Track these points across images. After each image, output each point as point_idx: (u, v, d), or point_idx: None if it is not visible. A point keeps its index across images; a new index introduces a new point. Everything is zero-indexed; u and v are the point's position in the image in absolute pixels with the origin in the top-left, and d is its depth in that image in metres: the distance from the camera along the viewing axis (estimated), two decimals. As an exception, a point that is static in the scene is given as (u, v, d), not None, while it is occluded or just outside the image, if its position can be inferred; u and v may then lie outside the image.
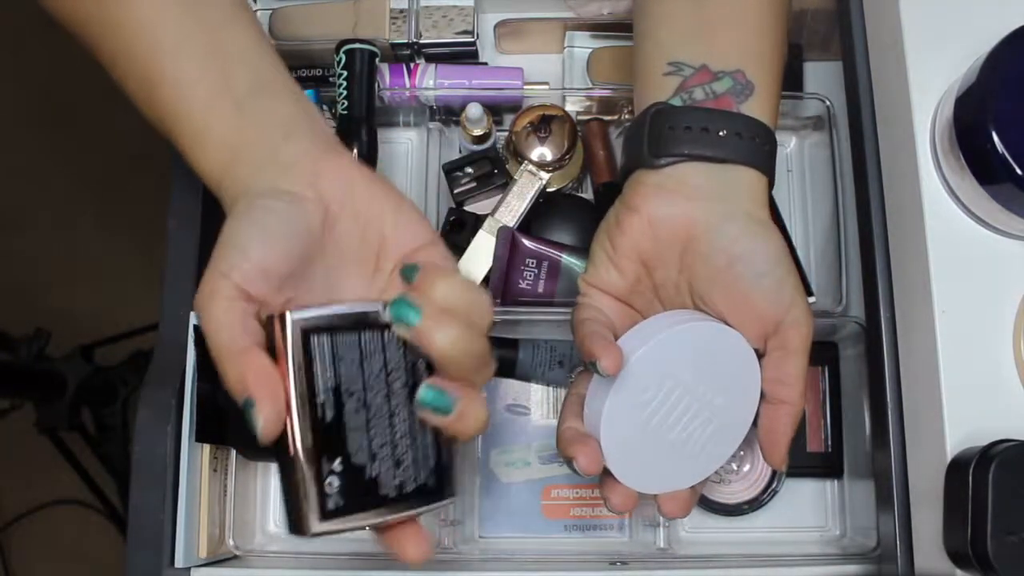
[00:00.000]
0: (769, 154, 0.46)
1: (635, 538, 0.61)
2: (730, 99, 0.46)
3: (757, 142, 0.45)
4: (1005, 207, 0.45)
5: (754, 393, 0.46)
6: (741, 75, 0.46)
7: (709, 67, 0.46)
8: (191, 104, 0.41)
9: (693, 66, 0.47)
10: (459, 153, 0.67)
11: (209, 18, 0.42)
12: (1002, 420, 0.45)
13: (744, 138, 0.45)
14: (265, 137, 0.41)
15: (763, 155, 0.46)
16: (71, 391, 1.17)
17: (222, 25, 0.43)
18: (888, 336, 0.51)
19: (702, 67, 0.47)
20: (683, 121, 0.45)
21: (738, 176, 0.45)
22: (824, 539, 0.62)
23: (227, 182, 0.41)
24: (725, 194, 0.45)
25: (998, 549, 0.41)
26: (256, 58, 0.43)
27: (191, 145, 0.42)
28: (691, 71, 0.47)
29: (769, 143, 0.46)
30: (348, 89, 0.59)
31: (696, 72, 0.47)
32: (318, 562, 0.58)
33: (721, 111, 0.45)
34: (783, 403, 0.45)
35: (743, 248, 0.44)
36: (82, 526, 1.33)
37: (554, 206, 0.64)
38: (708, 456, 0.46)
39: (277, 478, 0.63)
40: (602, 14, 0.67)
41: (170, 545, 0.53)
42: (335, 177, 0.41)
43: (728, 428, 0.46)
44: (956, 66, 0.48)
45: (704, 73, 0.47)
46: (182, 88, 0.41)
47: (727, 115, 0.45)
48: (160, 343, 0.55)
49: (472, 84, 0.65)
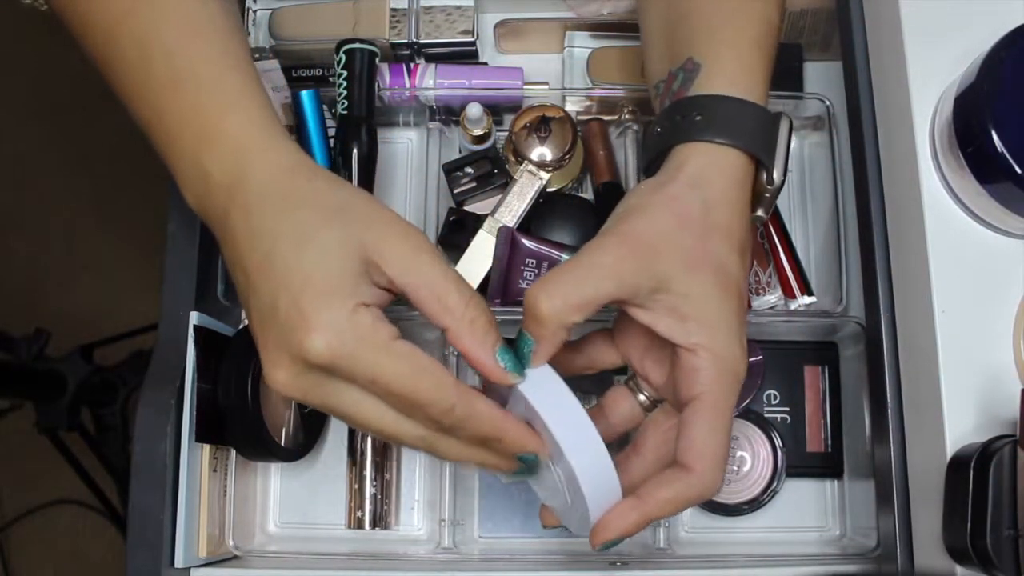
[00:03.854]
0: (712, 123, 0.43)
1: (635, 538, 0.61)
2: (682, 91, 0.45)
3: (696, 118, 0.43)
4: (1004, 206, 0.45)
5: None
6: (689, 62, 0.45)
7: (671, 71, 0.47)
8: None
9: (663, 79, 0.47)
10: (459, 153, 0.67)
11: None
12: (1002, 418, 0.45)
13: (675, 121, 0.43)
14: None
15: (698, 128, 0.43)
16: (71, 391, 1.17)
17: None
18: (888, 336, 0.51)
19: (668, 75, 0.47)
20: (646, 139, 0.46)
21: (679, 161, 0.43)
22: (824, 539, 0.62)
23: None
24: (657, 185, 0.43)
25: (998, 544, 0.41)
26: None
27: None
28: (663, 85, 0.47)
29: (718, 112, 0.43)
30: (348, 89, 0.59)
31: (665, 83, 0.47)
32: (318, 562, 0.58)
33: (672, 105, 0.45)
34: (681, 467, 0.41)
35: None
36: (82, 526, 1.33)
37: (554, 206, 0.64)
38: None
39: (277, 478, 0.63)
40: (602, 14, 0.67)
41: (170, 545, 0.53)
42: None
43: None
44: (955, 65, 0.48)
45: (669, 80, 0.47)
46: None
47: (673, 107, 0.45)
48: (160, 343, 0.55)
49: (472, 84, 0.65)
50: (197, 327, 0.54)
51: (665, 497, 0.41)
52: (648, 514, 0.41)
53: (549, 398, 0.41)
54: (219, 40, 0.43)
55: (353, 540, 0.62)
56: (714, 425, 0.41)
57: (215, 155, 0.41)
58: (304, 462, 0.62)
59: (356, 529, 0.61)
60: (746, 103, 0.44)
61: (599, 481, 0.41)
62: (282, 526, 0.63)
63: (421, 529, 0.62)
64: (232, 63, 0.43)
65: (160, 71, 0.42)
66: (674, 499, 0.41)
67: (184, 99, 0.42)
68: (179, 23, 0.43)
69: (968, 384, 0.46)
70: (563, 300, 0.40)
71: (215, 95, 0.42)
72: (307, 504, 0.63)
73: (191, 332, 0.54)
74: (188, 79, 0.42)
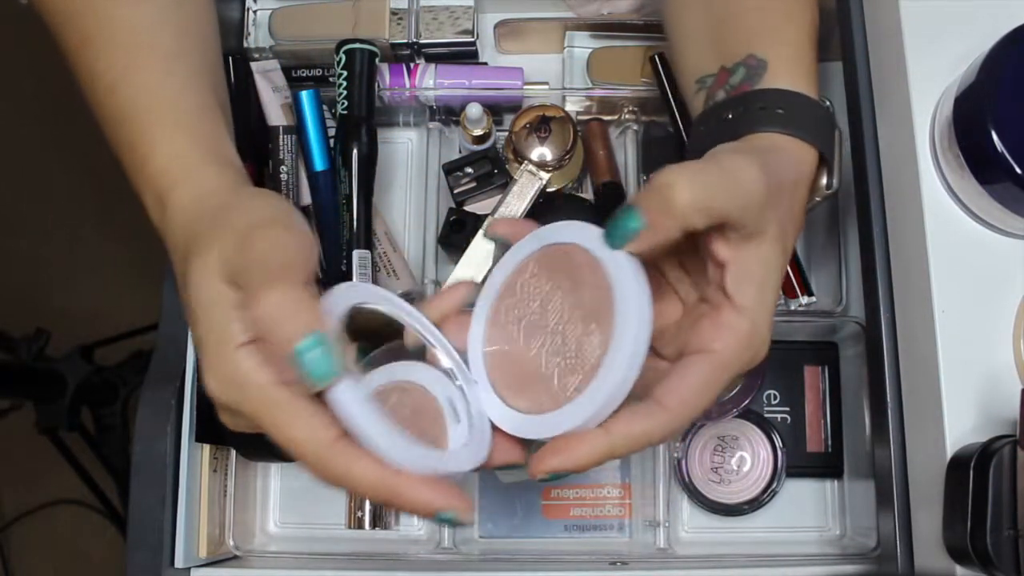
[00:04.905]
0: (791, 118, 0.42)
1: (635, 538, 0.61)
2: (746, 85, 0.45)
3: (779, 113, 0.42)
4: (1004, 206, 0.45)
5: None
6: (751, 59, 0.45)
7: (725, 67, 0.47)
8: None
9: (712, 74, 0.47)
10: (459, 153, 0.67)
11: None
12: (1002, 418, 0.45)
13: (753, 110, 0.43)
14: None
15: (781, 121, 0.42)
16: (71, 391, 1.17)
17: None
18: (888, 336, 0.51)
19: (720, 70, 0.47)
20: (701, 125, 0.46)
21: (766, 141, 0.42)
22: (824, 539, 0.62)
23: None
24: (763, 150, 0.42)
25: (998, 544, 0.41)
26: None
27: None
28: (711, 79, 0.47)
29: (793, 107, 0.43)
30: (348, 89, 0.59)
31: (715, 78, 0.47)
32: (318, 562, 0.58)
33: (734, 98, 0.45)
34: (659, 405, 0.36)
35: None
36: (82, 526, 1.33)
37: (554, 206, 0.64)
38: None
39: (277, 478, 0.63)
40: (602, 14, 0.67)
41: (170, 545, 0.53)
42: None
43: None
44: (955, 65, 0.48)
45: (722, 75, 0.47)
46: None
47: (739, 98, 0.45)
48: (160, 343, 0.55)
49: (472, 84, 0.65)
50: (197, 327, 0.54)
51: (633, 432, 0.36)
52: (613, 446, 0.36)
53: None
54: (160, 67, 0.44)
55: (353, 540, 0.62)
56: (711, 382, 0.37)
57: (148, 193, 0.42)
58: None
59: (356, 529, 0.61)
60: (818, 104, 0.44)
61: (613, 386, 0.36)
62: (282, 526, 0.63)
63: (421, 529, 0.62)
64: (172, 92, 0.43)
65: (107, 107, 0.43)
66: (640, 436, 0.36)
67: (123, 136, 0.43)
68: (124, 53, 0.43)
69: (968, 384, 0.46)
70: (701, 198, 0.35)
71: (146, 132, 0.42)
72: (307, 504, 0.63)
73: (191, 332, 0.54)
74: (127, 116, 0.43)
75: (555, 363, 0.38)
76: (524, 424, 0.38)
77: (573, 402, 0.37)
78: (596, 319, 0.37)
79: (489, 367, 0.40)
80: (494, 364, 0.40)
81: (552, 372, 0.38)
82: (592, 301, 0.37)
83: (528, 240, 0.41)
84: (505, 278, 0.41)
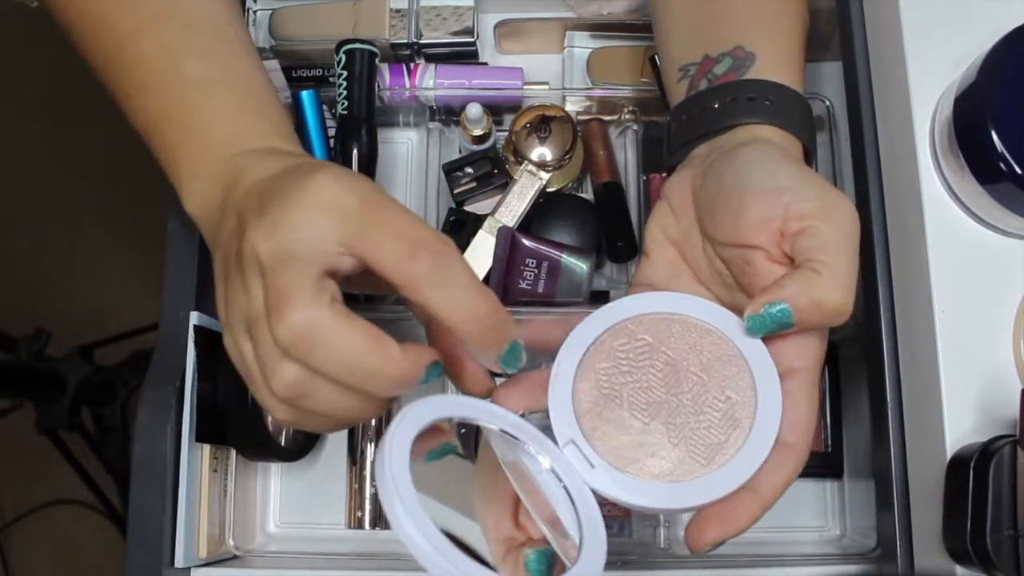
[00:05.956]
0: (780, 109, 0.43)
1: (635, 538, 0.61)
2: (731, 75, 0.45)
3: (767, 103, 0.43)
4: (1004, 206, 0.45)
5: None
6: (739, 50, 0.46)
7: (709, 55, 0.47)
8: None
9: (696, 62, 0.47)
10: (459, 153, 0.67)
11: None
12: (1002, 418, 0.45)
13: (741, 100, 0.43)
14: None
15: (770, 112, 0.43)
16: (71, 391, 1.17)
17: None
18: (888, 336, 0.51)
19: (703, 59, 0.47)
20: (683, 113, 0.46)
21: (749, 134, 0.43)
22: (824, 539, 0.62)
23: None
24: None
25: (998, 544, 0.41)
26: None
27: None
28: (695, 68, 0.47)
29: (781, 100, 0.44)
30: (348, 89, 0.59)
31: (699, 66, 0.47)
32: (318, 562, 0.58)
33: (720, 87, 0.45)
34: (786, 446, 0.37)
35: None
36: (82, 526, 1.33)
37: (554, 206, 0.64)
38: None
39: (277, 478, 0.63)
40: (602, 14, 0.67)
41: (170, 545, 0.53)
42: None
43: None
44: (955, 65, 0.48)
45: (705, 63, 0.47)
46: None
47: (726, 87, 0.45)
48: (160, 343, 0.55)
49: (472, 84, 0.65)
50: (197, 327, 0.54)
51: (780, 482, 0.37)
52: (765, 503, 0.37)
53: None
54: (243, 51, 0.47)
55: (353, 540, 0.62)
56: (812, 399, 0.38)
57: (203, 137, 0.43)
58: (304, 462, 0.62)
59: (356, 529, 0.61)
60: (804, 100, 0.45)
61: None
62: (282, 526, 0.63)
63: (421, 529, 0.62)
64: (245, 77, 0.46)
65: (189, 73, 0.44)
66: (785, 482, 0.38)
67: (209, 104, 0.44)
68: (202, 36, 0.45)
69: (968, 384, 0.46)
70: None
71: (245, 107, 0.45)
72: (307, 504, 0.63)
73: (191, 332, 0.54)
74: (213, 86, 0.44)
75: (684, 431, 0.38)
76: (664, 495, 0.38)
77: (724, 467, 0.37)
78: (732, 389, 0.38)
79: (591, 438, 0.39)
80: (596, 436, 0.39)
81: (682, 440, 0.38)
82: (721, 370, 0.39)
83: (601, 314, 0.41)
84: (586, 349, 0.40)
